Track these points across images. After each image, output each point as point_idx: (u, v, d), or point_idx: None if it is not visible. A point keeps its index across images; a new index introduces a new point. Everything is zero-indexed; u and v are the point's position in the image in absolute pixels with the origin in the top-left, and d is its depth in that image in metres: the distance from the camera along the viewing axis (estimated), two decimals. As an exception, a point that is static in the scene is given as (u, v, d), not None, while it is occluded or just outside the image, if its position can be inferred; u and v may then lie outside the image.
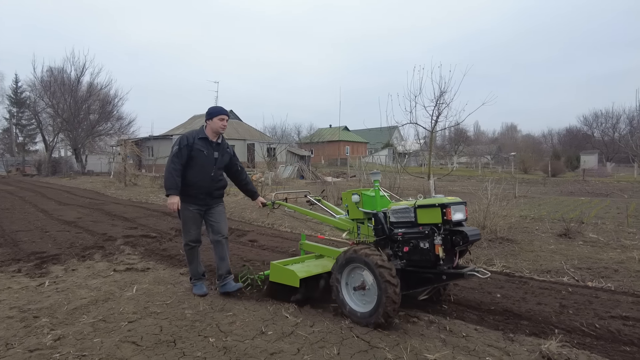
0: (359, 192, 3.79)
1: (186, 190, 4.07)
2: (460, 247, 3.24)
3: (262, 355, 2.89)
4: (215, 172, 4.19)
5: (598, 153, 47.69)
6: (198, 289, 4.26)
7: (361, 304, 3.43)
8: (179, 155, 4.01)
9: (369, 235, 3.72)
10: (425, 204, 3.31)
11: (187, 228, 4.19)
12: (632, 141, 8.82)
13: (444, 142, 49.90)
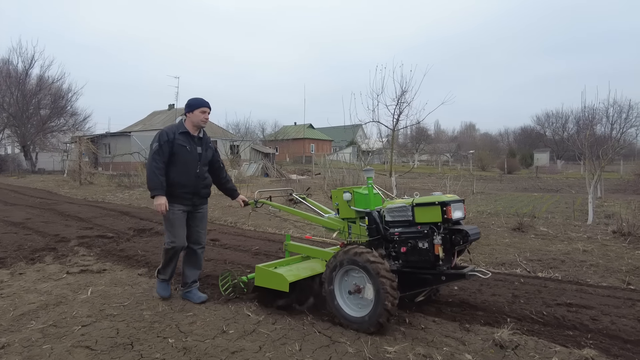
0: (351, 190, 3.60)
1: (171, 191, 3.78)
2: (460, 247, 3.15)
3: (224, 354, 2.85)
4: (201, 168, 3.92)
5: (550, 151, 50.35)
6: (163, 290, 4.03)
7: (356, 308, 3.23)
8: (160, 152, 3.72)
9: (361, 235, 3.57)
10: (424, 202, 3.18)
11: (174, 230, 3.84)
12: (579, 140, 9.47)
13: (406, 140, 51.02)
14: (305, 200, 4.50)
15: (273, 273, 3.54)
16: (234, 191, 4.34)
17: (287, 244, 4.27)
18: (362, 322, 3.10)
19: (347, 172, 13.00)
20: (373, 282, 3.03)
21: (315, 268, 3.76)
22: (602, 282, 4.56)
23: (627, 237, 6.44)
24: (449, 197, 3.19)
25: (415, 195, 3.38)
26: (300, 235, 7.55)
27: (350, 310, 3.24)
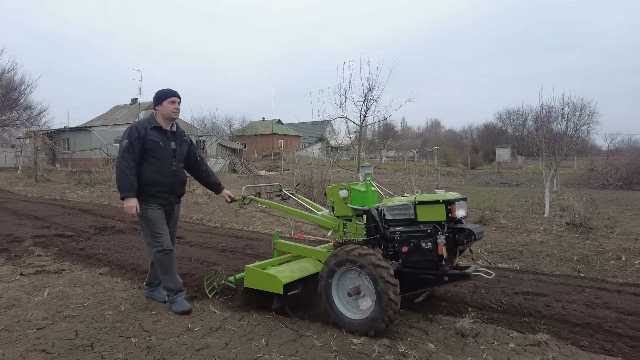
0: (348, 187, 3.43)
1: (146, 190, 3.52)
2: (463, 246, 3.09)
3: (189, 351, 2.81)
4: (177, 165, 3.67)
5: (511, 147, 52.33)
6: (180, 305, 3.55)
7: (354, 310, 3.11)
8: (131, 150, 3.45)
9: (357, 233, 3.45)
10: (427, 200, 3.07)
11: (157, 230, 3.56)
12: (537, 137, 9.98)
13: (373, 136, 51.70)
14: (294, 196, 4.29)
15: (265, 274, 3.36)
16: (217, 185, 4.06)
17: (276, 242, 4.05)
18: (359, 325, 3.00)
19: (316, 168, 13.03)
20: (376, 287, 2.91)
21: (308, 268, 3.59)
22: (556, 270, 4.81)
23: (578, 228, 6.80)
24: (453, 195, 3.10)
25: (416, 193, 3.28)
26: (268, 232, 7.52)
27: (348, 311, 3.11)
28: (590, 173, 21.64)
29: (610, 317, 3.36)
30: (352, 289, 3.08)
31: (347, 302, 3.14)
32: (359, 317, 3.03)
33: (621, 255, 5.15)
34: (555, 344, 2.84)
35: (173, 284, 3.63)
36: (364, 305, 3.04)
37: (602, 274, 4.72)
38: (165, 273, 3.61)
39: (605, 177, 19.29)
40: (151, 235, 3.58)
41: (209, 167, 4.06)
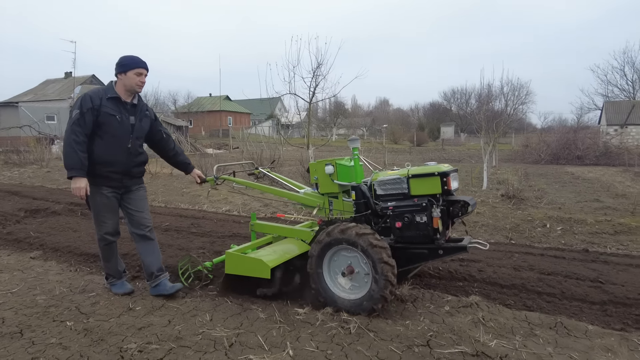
0: (333, 162, 3.26)
1: (96, 170, 3.15)
2: (458, 218, 3.04)
3: (130, 331, 2.74)
4: (133, 143, 3.26)
5: (455, 125, 54.54)
6: (120, 287, 3.44)
7: (349, 290, 3.01)
8: (81, 122, 3.04)
9: (345, 210, 3.32)
10: (421, 173, 2.98)
11: (101, 218, 3.27)
12: (478, 115, 10.54)
13: (325, 114, 51.76)
14: (271, 174, 4.04)
15: (249, 259, 3.12)
16: (187, 165, 3.72)
17: (253, 223, 3.81)
18: (353, 305, 2.91)
19: (266, 146, 12.90)
20: (373, 267, 2.82)
21: (292, 249, 3.39)
22: (491, 239, 5.16)
23: (512, 200, 7.31)
24: (447, 167, 3.02)
25: (407, 166, 3.17)
26: (215, 211, 7.40)
27: (341, 292, 3.01)
28: (526, 149, 23.10)
29: (532, 277, 3.68)
30: (346, 269, 2.97)
31: (340, 282, 3.03)
32: (353, 297, 2.94)
33: (546, 223, 5.62)
34: (485, 304, 3.07)
35: (112, 271, 3.45)
36: (358, 285, 2.96)
37: (530, 240, 5.13)
38: (106, 260, 3.42)
39: (538, 152, 20.69)
40: (96, 222, 3.31)
41: (178, 145, 3.68)
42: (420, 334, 2.63)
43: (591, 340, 2.59)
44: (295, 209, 6.84)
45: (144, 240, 3.42)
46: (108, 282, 3.49)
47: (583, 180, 11.29)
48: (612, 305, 3.17)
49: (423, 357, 2.40)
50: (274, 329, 2.75)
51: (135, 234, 3.41)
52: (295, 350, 2.48)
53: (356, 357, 2.41)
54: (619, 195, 8.09)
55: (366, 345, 2.54)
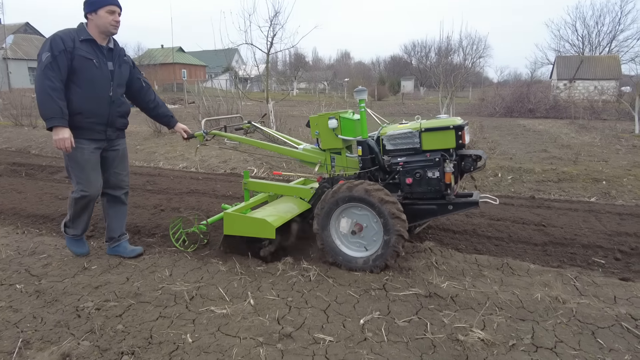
0: (337, 116, 3.07)
1: (75, 121, 2.86)
2: (469, 173, 2.96)
3: (86, 290, 2.68)
4: (115, 91, 2.99)
5: (415, 79, 54.81)
6: (76, 245, 3.21)
7: (357, 247, 2.94)
8: (54, 66, 2.72)
9: (348, 167, 3.19)
10: (435, 126, 2.86)
11: (85, 176, 2.97)
12: (437, 69, 10.61)
13: (284, 67, 50.37)
14: (263, 129, 3.79)
15: (251, 219, 2.95)
16: (169, 118, 3.41)
17: (246, 182, 3.58)
18: (365, 262, 2.86)
19: (224, 100, 12.43)
20: (384, 223, 2.76)
21: (293, 208, 3.25)
22: (445, 188, 5.36)
23: (466, 151, 7.57)
24: (460, 120, 2.90)
25: (417, 119, 3.05)
26: (171, 167, 7.18)
27: (350, 250, 2.95)
28: (482, 103, 23.72)
29: (483, 223, 3.90)
30: (356, 226, 2.90)
31: (349, 240, 2.96)
32: (364, 255, 2.89)
33: (498, 173, 5.88)
34: (438, 249, 3.23)
35: (76, 228, 3.19)
36: (368, 242, 2.91)
37: (483, 189, 5.38)
38: (75, 215, 3.11)
39: (493, 106, 21.32)
40: (76, 177, 3.00)
41: (158, 96, 3.38)
42: (377, 279, 2.75)
43: (532, 277, 2.81)
44: (266, 163, 6.76)
45: (115, 203, 3.24)
46: (66, 234, 3.22)
47: (533, 132, 11.82)
48: (551, 245, 3.43)
49: (379, 299, 2.52)
50: (234, 280, 2.78)
51: (109, 194, 3.20)
52: (257, 299, 2.53)
53: (316, 302, 2.50)
54: (564, 146, 8.57)
55: (325, 291, 2.63)
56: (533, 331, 2.20)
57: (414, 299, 2.52)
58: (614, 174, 5.51)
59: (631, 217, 4.10)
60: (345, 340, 2.12)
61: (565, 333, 2.19)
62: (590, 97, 23.60)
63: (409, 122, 3.07)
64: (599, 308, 2.40)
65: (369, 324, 2.26)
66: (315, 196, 3.25)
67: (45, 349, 2.06)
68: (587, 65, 30.67)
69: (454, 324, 2.25)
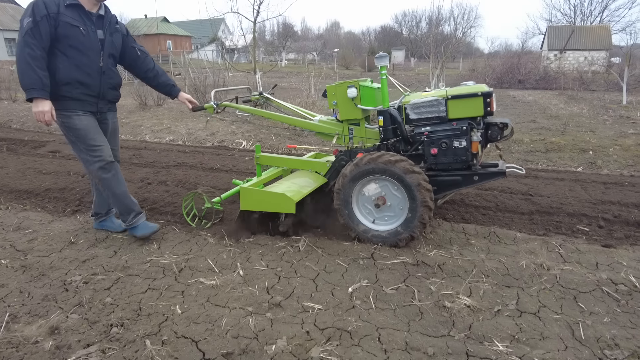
0: (356, 85, 2.92)
1: (63, 91, 2.69)
2: (496, 142, 2.86)
3: (73, 264, 2.66)
4: (105, 61, 2.80)
5: (405, 49, 54.03)
6: (144, 228, 2.97)
7: (383, 221, 2.85)
8: (36, 33, 2.51)
9: (368, 138, 3.05)
10: (462, 93, 2.73)
11: (92, 142, 2.77)
12: (428, 39, 10.41)
13: (273, 37, 49.19)
14: (271, 101, 3.61)
15: (270, 193, 2.82)
16: (171, 87, 3.19)
17: (258, 156, 3.40)
18: (389, 235, 2.79)
19: (210, 72, 12.13)
20: (409, 194, 2.67)
21: (310, 182, 3.11)
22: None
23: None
24: (485, 86, 2.78)
25: (441, 87, 2.92)
26: (158, 141, 7.07)
27: (374, 224, 2.87)
28: (472, 74, 23.52)
29: (471, 193, 3.92)
30: (379, 199, 2.80)
31: (372, 214, 2.88)
32: (388, 228, 2.81)
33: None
34: (426, 219, 3.25)
35: (127, 206, 2.95)
36: (393, 214, 2.82)
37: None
38: (114, 195, 2.90)
39: (483, 77, 21.16)
40: (85, 148, 2.78)
41: (158, 65, 3.17)
42: (365, 249, 2.77)
43: (518, 245, 2.86)
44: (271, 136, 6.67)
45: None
46: (127, 224, 2.99)
47: (523, 103, 11.81)
48: (537, 214, 3.48)
49: (367, 268, 2.55)
50: (224, 252, 2.78)
51: None
52: (246, 270, 2.54)
53: (305, 272, 2.51)
54: (553, 117, 8.59)
55: (314, 260, 2.64)
56: (518, 297, 2.25)
57: (402, 268, 2.55)
58: (600, 144, 5.56)
59: (615, 186, 4.16)
60: (333, 308, 2.15)
61: (549, 298, 2.24)
62: (580, 67, 23.56)
63: (433, 90, 2.94)
64: (581, 274, 2.46)
65: (357, 292, 2.29)
66: (332, 170, 3.15)
67: (33, 323, 2.05)
68: (578, 36, 30.47)
69: (440, 291, 2.29)
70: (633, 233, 3.08)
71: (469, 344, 1.88)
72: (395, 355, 1.81)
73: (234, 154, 5.75)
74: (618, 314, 2.10)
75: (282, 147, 6.16)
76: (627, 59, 12.01)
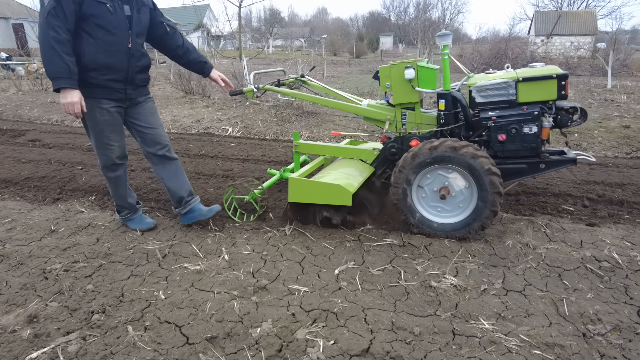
0: (414, 65, 2.69)
1: (90, 78, 2.43)
2: (566, 127, 2.68)
3: (53, 252, 2.60)
4: (134, 41, 2.52)
5: (393, 35, 53.76)
6: (138, 222, 2.90)
7: (447, 212, 2.66)
8: (59, 13, 2.24)
9: (423, 123, 2.85)
10: (534, 75, 2.56)
11: (105, 140, 2.61)
12: (416, 24, 10.31)
13: (259, 23, 48.49)
14: (306, 84, 3.39)
15: (325, 185, 2.60)
16: (203, 64, 2.91)
17: (297, 144, 3.22)
18: (457, 227, 2.62)
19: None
20: (478, 182, 2.49)
21: (360, 171, 2.91)
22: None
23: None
24: (558, 68, 2.60)
25: (507, 68, 2.75)
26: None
27: (438, 216, 2.68)
28: (460, 59, 23.52)
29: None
30: (443, 189, 2.61)
31: (435, 206, 2.68)
32: (455, 220, 2.63)
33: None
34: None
35: (124, 203, 2.87)
36: (460, 204, 2.64)
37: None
38: (115, 191, 2.83)
39: (471, 62, 21.18)
40: (97, 144, 2.63)
41: (187, 40, 2.89)
42: (352, 232, 2.75)
43: (504, 225, 2.86)
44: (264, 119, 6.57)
45: (163, 162, 2.81)
46: (122, 217, 2.93)
47: (509, 87, 11.85)
48: (524, 195, 3.49)
49: (354, 250, 2.53)
50: (209, 237, 2.74)
51: (152, 154, 2.78)
52: (231, 254, 2.51)
53: (291, 255, 2.49)
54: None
55: (301, 244, 2.62)
56: (504, 276, 2.26)
57: (388, 249, 2.54)
58: (585, 127, 5.59)
59: (600, 167, 4.20)
60: (320, 290, 2.13)
61: (534, 276, 2.25)
62: (567, 52, 23.70)
63: (499, 72, 2.76)
64: (566, 252, 2.48)
65: (343, 274, 2.28)
66: (380, 158, 2.97)
67: (11, 312, 2.00)
68: (565, 21, 30.59)
69: (427, 272, 2.29)
70: (616, 212, 3.11)
71: (455, 323, 1.88)
72: (381, 335, 1.80)
73: (220, 141, 5.67)
74: (601, 290, 2.12)
75: (269, 133, 6.09)
76: (612, 44, 12.08)
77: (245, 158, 4.71)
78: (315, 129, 6.25)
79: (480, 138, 2.72)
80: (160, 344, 1.78)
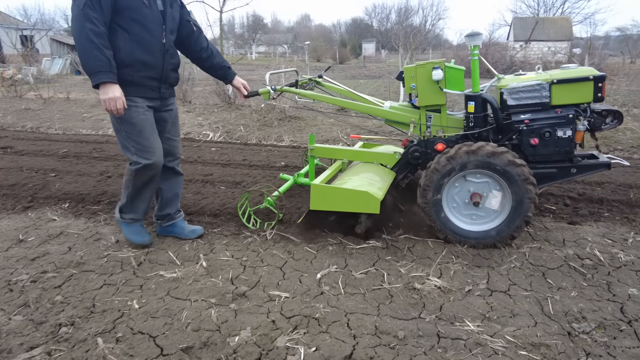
0: (442, 66, 2.59)
1: (125, 75, 2.30)
2: (600, 131, 2.59)
3: (20, 263, 2.46)
4: (167, 37, 2.40)
5: (376, 41, 54.29)
6: (137, 235, 2.62)
7: (478, 219, 2.55)
8: (95, 5, 2.13)
9: (449, 127, 2.74)
10: (570, 77, 2.45)
11: (145, 141, 2.40)
12: (398, 30, 10.44)
13: (242, 30, 48.38)
14: (320, 85, 3.26)
15: (351, 192, 2.44)
16: (227, 69, 2.77)
17: (313, 147, 3.08)
18: (487, 235, 2.50)
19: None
20: (514, 189, 2.40)
21: (382, 177, 2.77)
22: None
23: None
24: (594, 70, 2.50)
25: (538, 70, 2.65)
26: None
27: (468, 224, 2.56)
28: (441, 64, 23.88)
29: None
30: (475, 196, 2.50)
31: (466, 213, 2.58)
32: (486, 228, 2.53)
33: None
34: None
35: (136, 210, 2.61)
36: (493, 211, 2.53)
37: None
38: (135, 194, 2.54)
39: (452, 67, 21.55)
40: (133, 143, 2.40)
41: (212, 43, 2.74)
42: (334, 236, 2.69)
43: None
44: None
45: (169, 174, 2.69)
46: (123, 219, 2.65)
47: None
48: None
49: (336, 254, 2.47)
50: (186, 244, 2.65)
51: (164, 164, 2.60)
52: (209, 261, 2.42)
53: (272, 260, 2.42)
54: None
55: (282, 249, 2.55)
56: (488, 277, 2.23)
57: (371, 252, 2.49)
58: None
59: (580, 167, 4.25)
60: (301, 295, 2.07)
61: (519, 276, 2.23)
62: (545, 57, 24.26)
63: (529, 73, 2.66)
64: (549, 251, 2.47)
65: (325, 278, 2.21)
66: (401, 162, 2.86)
67: (-29, 327, 1.87)
68: (542, 27, 31.38)
69: (410, 273, 2.24)
70: (597, 210, 3.13)
71: (440, 325, 1.83)
72: (364, 340, 1.74)
73: (200, 146, 5.56)
74: (584, 288, 2.11)
75: (251, 138, 6.00)
76: (587, 49, 12.40)
77: (226, 163, 4.63)
78: (299, 133, 6.20)
79: (510, 142, 2.61)
80: (132, 356, 1.68)
